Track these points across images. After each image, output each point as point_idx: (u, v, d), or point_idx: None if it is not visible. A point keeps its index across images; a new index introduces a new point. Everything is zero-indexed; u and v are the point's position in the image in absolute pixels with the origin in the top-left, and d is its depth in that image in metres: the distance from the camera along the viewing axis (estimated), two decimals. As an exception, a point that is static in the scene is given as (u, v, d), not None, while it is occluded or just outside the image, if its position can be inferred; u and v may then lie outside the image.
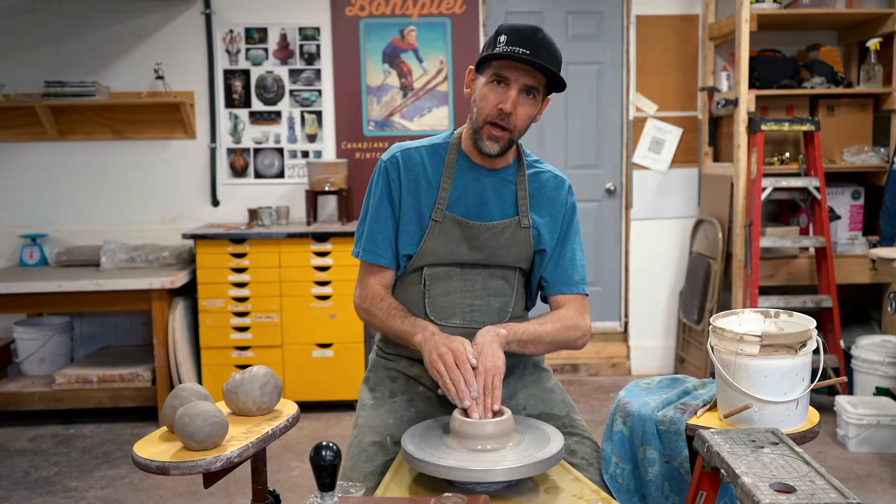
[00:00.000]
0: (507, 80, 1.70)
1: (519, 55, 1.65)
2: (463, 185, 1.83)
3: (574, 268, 1.88)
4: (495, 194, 1.84)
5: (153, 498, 3.16)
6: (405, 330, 1.75)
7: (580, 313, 1.85)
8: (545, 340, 1.77)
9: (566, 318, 1.82)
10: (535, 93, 1.73)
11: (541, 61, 1.66)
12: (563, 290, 1.87)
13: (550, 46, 1.70)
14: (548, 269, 1.88)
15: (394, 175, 1.84)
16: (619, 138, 4.76)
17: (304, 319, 4.08)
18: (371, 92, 4.59)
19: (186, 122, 4.46)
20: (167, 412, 1.48)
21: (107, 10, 4.45)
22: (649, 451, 1.60)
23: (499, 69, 1.70)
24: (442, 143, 1.87)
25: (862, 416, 3.46)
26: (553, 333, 1.78)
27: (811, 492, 1.14)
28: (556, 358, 4.72)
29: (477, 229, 1.81)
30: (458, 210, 1.82)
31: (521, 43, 1.67)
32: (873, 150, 4.15)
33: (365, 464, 1.71)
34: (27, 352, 4.21)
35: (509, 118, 1.71)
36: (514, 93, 1.70)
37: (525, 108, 1.73)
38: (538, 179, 1.88)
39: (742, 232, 4.06)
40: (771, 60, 4.19)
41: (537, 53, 1.67)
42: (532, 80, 1.70)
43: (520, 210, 1.84)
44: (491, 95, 1.72)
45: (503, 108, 1.70)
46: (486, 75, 1.74)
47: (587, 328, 1.85)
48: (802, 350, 1.48)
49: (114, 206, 4.56)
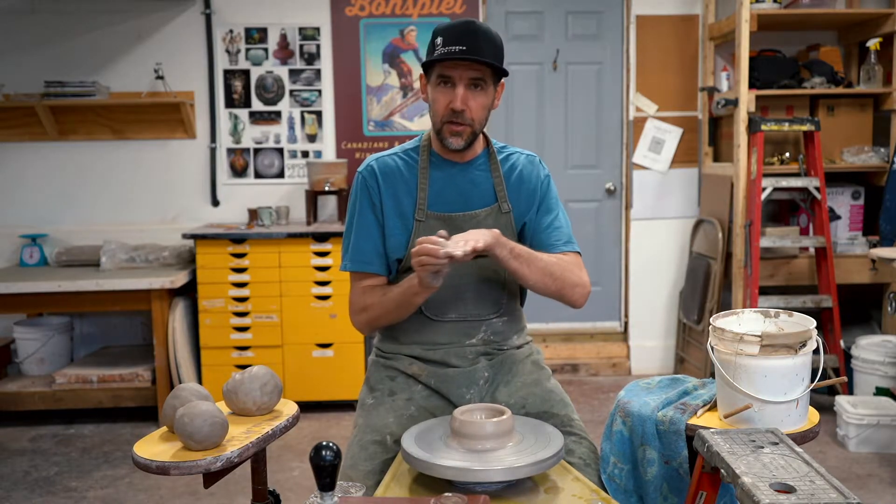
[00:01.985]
0: (452, 79, 1.77)
1: (455, 53, 1.72)
2: (439, 182, 1.88)
3: (560, 228, 1.90)
4: (472, 185, 1.89)
5: (153, 498, 3.16)
6: (402, 288, 1.77)
7: (577, 266, 1.86)
8: (539, 264, 1.78)
9: (565, 261, 1.84)
10: (483, 83, 1.78)
11: (476, 57, 1.72)
12: (558, 249, 1.87)
13: (486, 36, 1.76)
14: (536, 235, 1.90)
15: (372, 183, 1.88)
16: (619, 138, 4.76)
17: (304, 319, 4.08)
18: (371, 92, 4.59)
19: (186, 122, 4.46)
20: (167, 412, 1.48)
21: (107, 10, 4.45)
22: (649, 451, 1.60)
23: (441, 70, 1.77)
24: (413, 147, 1.93)
25: (862, 416, 3.46)
26: (549, 262, 1.80)
27: (811, 492, 1.14)
28: (556, 358, 4.73)
29: (460, 221, 1.85)
30: (439, 207, 1.87)
31: (456, 41, 1.73)
32: (873, 150, 4.15)
33: (365, 462, 1.71)
34: (27, 352, 4.21)
35: (463, 114, 1.78)
36: (461, 90, 1.77)
37: (477, 100, 1.79)
38: (509, 162, 1.93)
39: (742, 232, 4.06)
40: (771, 60, 4.19)
41: (475, 46, 1.73)
42: (475, 72, 1.76)
43: (498, 196, 1.89)
44: (440, 97, 1.79)
45: (454, 106, 1.77)
46: (432, 79, 1.81)
47: (586, 282, 1.86)
48: (802, 350, 1.48)
49: (114, 206, 4.56)
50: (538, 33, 4.68)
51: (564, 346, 4.82)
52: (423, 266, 1.62)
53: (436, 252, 1.59)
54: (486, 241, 1.66)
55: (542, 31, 4.68)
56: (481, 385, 1.87)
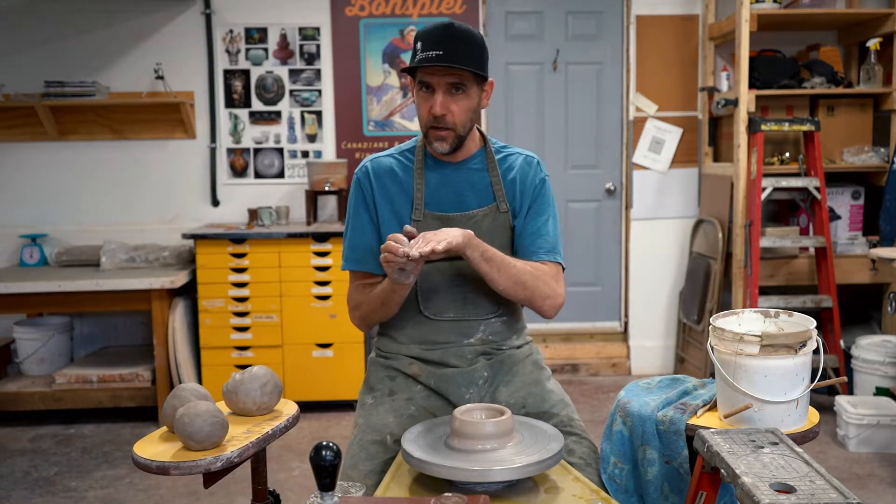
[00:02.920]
0: (431, 85, 1.77)
1: (432, 60, 1.72)
2: (435, 182, 1.88)
3: (545, 236, 1.89)
4: (469, 185, 1.89)
5: (153, 498, 3.16)
6: (383, 286, 1.78)
7: (553, 278, 1.86)
8: (510, 272, 1.77)
9: (539, 269, 1.83)
10: (463, 87, 1.77)
11: (451, 63, 1.71)
12: (538, 257, 1.87)
13: (464, 38, 1.75)
14: (520, 239, 1.89)
15: (366, 184, 1.90)
16: (619, 138, 4.76)
17: (304, 319, 4.08)
18: (371, 92, 4.59)
19: (186, 122, 4.46)
20: (167, 412, 1.48)
21: (107, 10, 4.45)
22: (649, 451, 1.60)
23: (421, 76, 1.78)
24: (409, 148, 1.94)
25: (862, 416, 3.46)
26: (521, 270, 1.79)
27: (811, 492, 1.14)
28: (556, 358, 4.73)
29: (457, 221, 1.84)
30: (436, 207, 1.87)
31: (433, 45, 1.73)
32: (873, 150, 4.15)
33: (365, 462, 1.71)
34: (27, 352, 4.21)
35: (445, 118, 1.78)
36: (440, 96, 1.77)
37: (458, 104, 1.78)
38: (507, 162, 1.93)
39: (742, 232, 4.06)
40: (771, 60, 4.19)
41: (452, 50, 1.72)
42: (453, 77, 1.75)
43: (496, 196, 1.88)
44: (422, 103, 1.80)
45: (433, 112, 1.77)
46: (415, 85, 1.82)
47: (559, 294, 1.85)
48: (802, 350, 1.48)
49: (114, 206, 4.56)
50: (538, 33, 4.68)
51: (564, 346, 4.82)
52: (388, 263, 1.64)
53: (395, 250, 1.61)
54: (454, 241, 1.66)
55: (542, 31, 4.68)
56: (481, 385, 1.87)
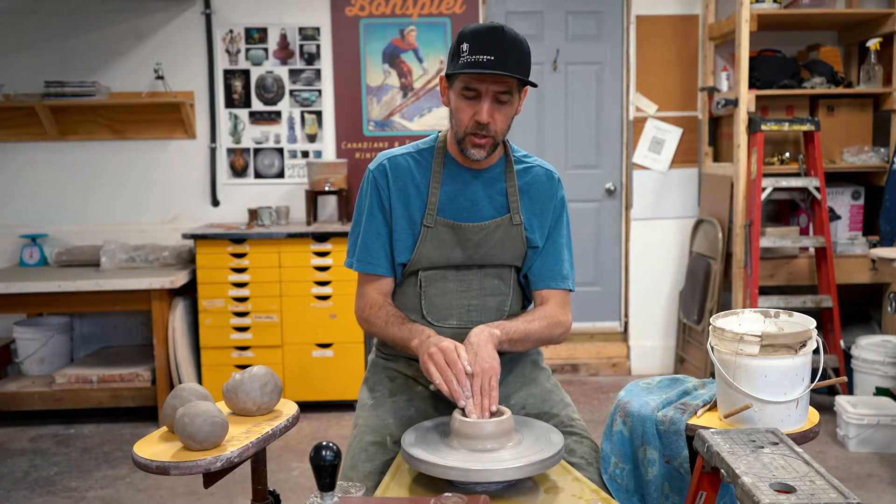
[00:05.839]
0: (478, 92, 1.69)
1: (484, 65, 1.62)
2: (452, 188, 1.83)
3: (560, 262, 1.88)
4: (485, 194, 1.84)
5: (153, 498, 3.16)
6: (402, 336, 1.75)
7: (562, 309, 1.86)
8: (533, 338, 1.79)
9: (552, 316, 1.83)
10: (508, 96, 1.71)
11: (504, 71, 1.63)
12: (549, 285, 1.87)
13: (514, 44, 1.68)
14: (534, 264, 1.88)
15: (382, 183, 1.84)
16: (619, 138, 4.76)
17: (304, 319, 4.08)
18: (371, 92, 4.59)
19: (186, 122, 4.46)
20: (167, 412, 1.48)
21: (107, 10, 4.44)
22: (649, 451, 1.60)
23: (468, 82, 1.68)
24: (427, 148, 1.88)
25: (862, 416, 3.46)
26: (540, 331, 1.80)
27: (811, 492, 1.14)
28: (556, 358, 4.72)
29: (469, 231, 1.81)
30: (449, 214, 1.82)
31: (484, 49, 1.63)
32: (873, 150, 4.15)
33: (365, 463, 1.71)
34: (27, 352, 4.21)
35: (488, 127, 1.71)
36: (486, 104, 1.69)
37: (502, 112, 1.72)
38: (528, 174, 1.88)
39: (742, 232, 4.06)
40: (771, 60, 4.19)
41: (503, 57, 1.64)
42: (502, 86, 1.68)
43: (511, 207, 1.84)
44: (465, 108, 1.71)
45: (479, 120, 1.70)
46: (456, 87, 1.72)
47: (568, 324, 1.87)
48: (802, 350, 1.48)
49: (114, 206, 4.56)
50: (538, 33, 4.68)
51: (564, 346, 4.82)
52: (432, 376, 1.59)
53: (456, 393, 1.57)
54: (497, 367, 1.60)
55: (542, 31, 4.68)
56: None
